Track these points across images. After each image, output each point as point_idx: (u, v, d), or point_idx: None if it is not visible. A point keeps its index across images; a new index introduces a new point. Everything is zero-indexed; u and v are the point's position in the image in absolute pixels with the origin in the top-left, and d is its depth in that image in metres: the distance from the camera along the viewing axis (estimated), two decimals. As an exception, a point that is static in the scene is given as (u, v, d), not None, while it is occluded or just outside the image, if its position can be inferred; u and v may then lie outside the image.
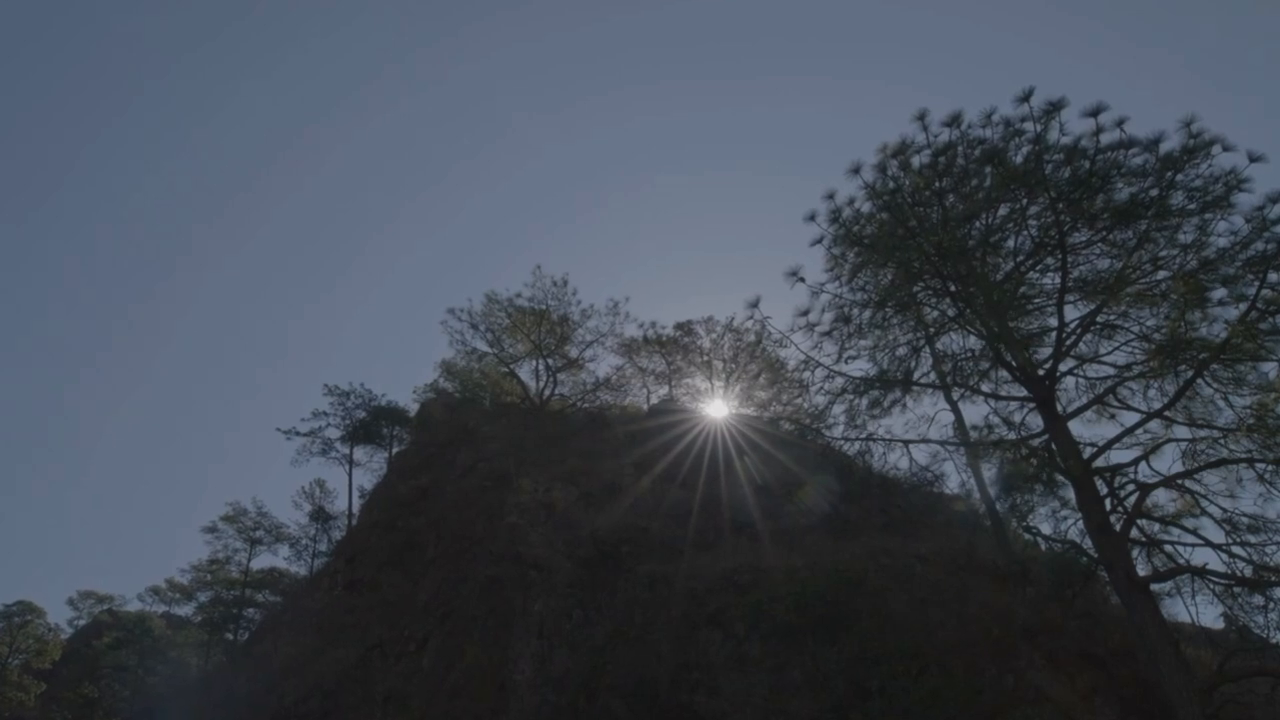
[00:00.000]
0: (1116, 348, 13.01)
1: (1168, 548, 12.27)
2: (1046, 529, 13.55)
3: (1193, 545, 11.78)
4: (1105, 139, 11.84)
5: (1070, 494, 12.52)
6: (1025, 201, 12.84)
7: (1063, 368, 12.99)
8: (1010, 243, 13.50)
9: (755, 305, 14.17)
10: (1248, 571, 11.13)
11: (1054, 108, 12.01)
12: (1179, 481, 11.73)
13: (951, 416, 15.16)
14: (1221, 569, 11.24)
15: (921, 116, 13.30)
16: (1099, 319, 12.88)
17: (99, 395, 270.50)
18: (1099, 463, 12.23)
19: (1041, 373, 12.85)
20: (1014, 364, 12.94)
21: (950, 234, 13.07)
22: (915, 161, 13.65)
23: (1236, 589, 11.37)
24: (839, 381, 14.46)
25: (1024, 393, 13.24)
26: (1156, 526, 12.52)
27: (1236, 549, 11.28)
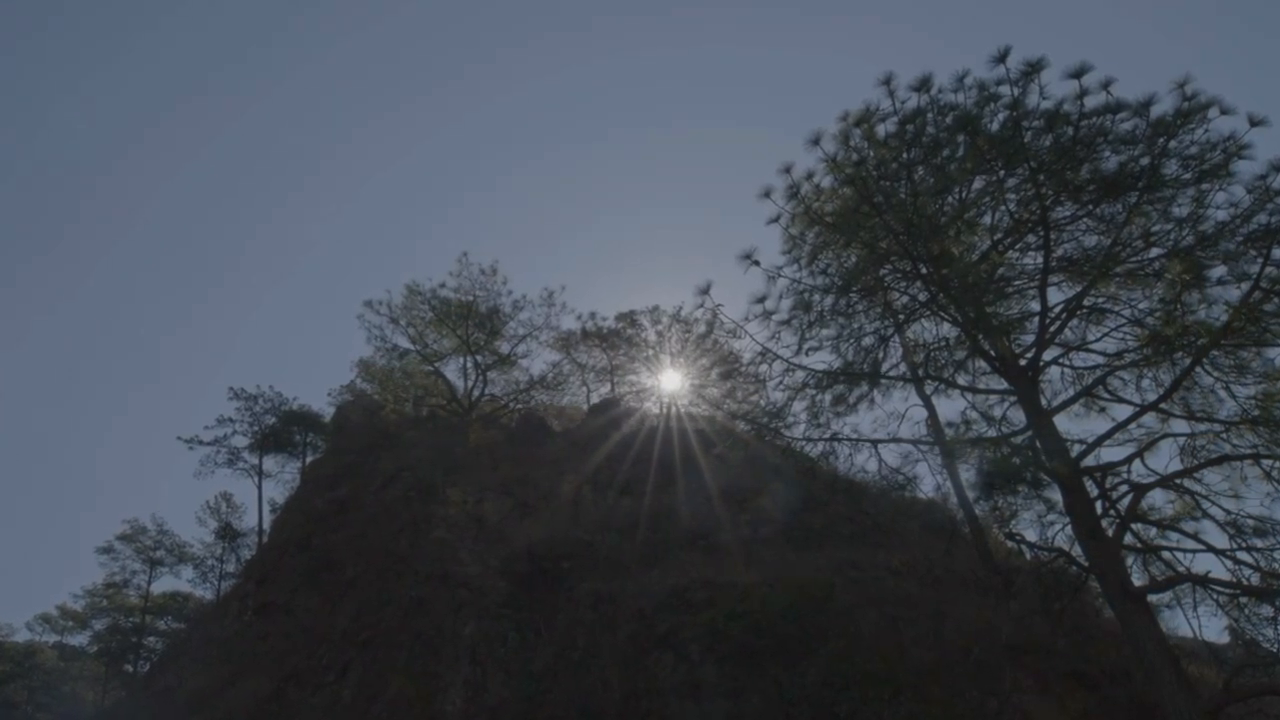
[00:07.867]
0: (1106, 334, 12.34)
1: (1165, 554, 11.60)
2: (1031, 535, 13.02)
3: (1193, 551, 11.11)
4: (1090, 103, 10.90)
5: (1057, 496, 11.76)
6: (1003, 173, 12.00)
7: (1047, 356, 12.28)
8: (987, 219, 12.69)
9: (706, 292, 13.13)
10: (1254, 579, 10.44)
11: (1032, 69, 11.05)
12: (1177, 481, 11.08)
13: (924, 413, 14.53)
14: (1225, 576, 10.53)
15: (887, 81, 12.31)
16: (1086, 302, 12.15)
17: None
18: (1088, 461, 11.52)
19: (1023, 362, 12.10)
20: (993, 353, 12.22)
21: (920, 210, 12.18)
22: (881, 131, 12.64)
23: (1242, 599, 10.69)
24: (799, 375, 13.61)
25: (1004, 385, 12.55)
26: (1153, 531, 11.91)
27: (1241, 554, 10.55)
